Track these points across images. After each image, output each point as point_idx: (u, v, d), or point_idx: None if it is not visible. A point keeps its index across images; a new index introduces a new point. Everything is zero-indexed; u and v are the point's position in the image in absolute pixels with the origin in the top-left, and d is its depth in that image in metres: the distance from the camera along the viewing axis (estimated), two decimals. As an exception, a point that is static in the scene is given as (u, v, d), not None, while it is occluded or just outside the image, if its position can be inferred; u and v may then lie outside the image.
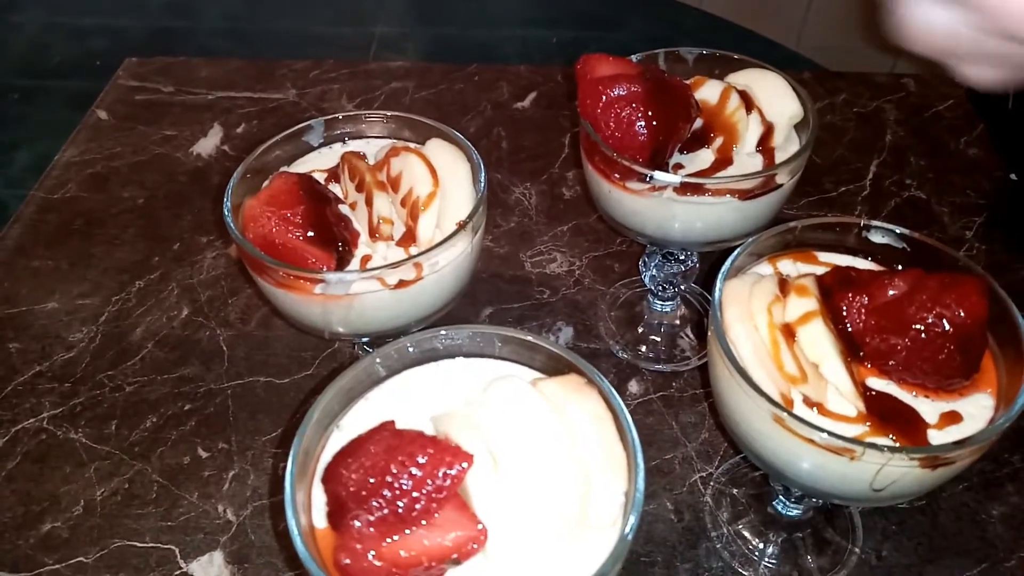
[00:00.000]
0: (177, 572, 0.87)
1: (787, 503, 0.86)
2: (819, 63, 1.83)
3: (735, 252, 0.73)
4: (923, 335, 0.66)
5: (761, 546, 0.88)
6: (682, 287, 1.04)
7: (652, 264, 1.01)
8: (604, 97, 0.84)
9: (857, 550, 0.87)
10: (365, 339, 0.92)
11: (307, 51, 1.64)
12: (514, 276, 1.17)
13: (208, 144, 1.38)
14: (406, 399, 0.68)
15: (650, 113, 0.82)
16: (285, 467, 0.95)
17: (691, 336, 1.07)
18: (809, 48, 2.06)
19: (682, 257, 0.99)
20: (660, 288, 1.03)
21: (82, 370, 1.05)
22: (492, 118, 1.43)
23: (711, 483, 0.93)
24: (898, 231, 0.75)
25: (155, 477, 0.94)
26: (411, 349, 0.69)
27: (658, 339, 1.07)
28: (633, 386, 1.02)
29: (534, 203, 1.28)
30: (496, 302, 1.13)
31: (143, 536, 0.90)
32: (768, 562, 0.87)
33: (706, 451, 0.96)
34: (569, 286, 1.15)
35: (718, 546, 0.87)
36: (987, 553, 0.87)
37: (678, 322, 1.09)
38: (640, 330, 1.08)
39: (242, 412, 1.01)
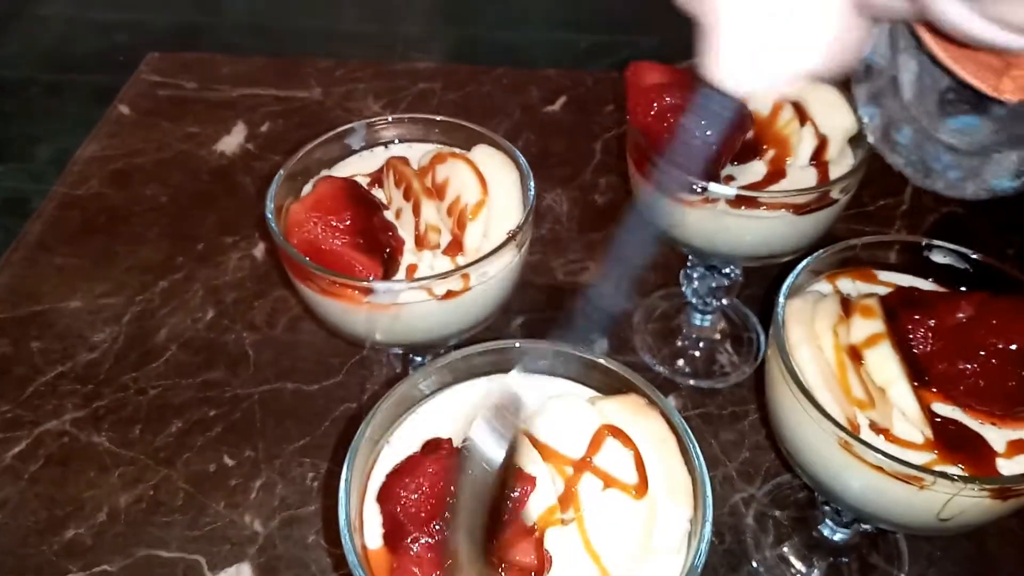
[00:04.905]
0: (204, 583, 0.84)
1: (834, 527, 0.84)
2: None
3: (796, 270, 0.71)
4: (993, 361, 0.64)
5: (804, 570, 0.85)
6: (724, 301, 1.02)
7: (695, 277, 0.98)
8: (656, 105, 0.82)
9: (903, 576, 0.85)
10: (398, 349, 0.90)
11: (331, 49, 1.62)
12: (546, 284, 1.15)
13: (232, 142, 1.36)
14: (456, 415, 0.65)
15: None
16: (314, 477, 0.93)
17: (730, 351, 1.05)
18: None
19: (726, 271, 0.97)
20: (702, 302, 1.01)
21: (105, 372, 1.03)
22: (521, 122, 1.41)
23: (753, 504, 0.90)
24: (962, 252, 0.73)
25: (181, 484, 0.92)
26: (461, 363, 0.67)
27: (696, 354, 1.05)
28: (670, 402, 1.00)
29: (565, 210, 1.26)
30: (528, 311, 1.11)
31: (169, 545, 0.87)
32: (811, 587, 0.85)
33: (747, 471, 0.93)
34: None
35: (761, 570, 0.85)
36: (1034, 582, 0.85)
37: (717, 336, 1.06)
38: (678, 344, 1.06)
39: (269, 419, 0.98)
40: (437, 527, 0.53)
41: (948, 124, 0.55)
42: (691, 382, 1.01)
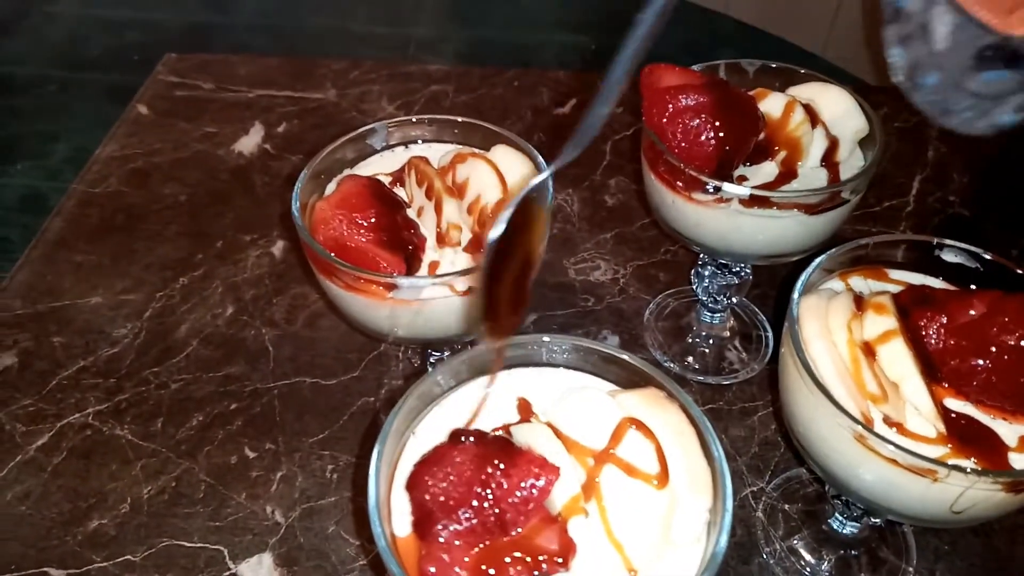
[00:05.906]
0: (226, 573, 0.86)
1: (844, 521, 0.85)
2: (849, 73, 1.82)
3: (810, 267, 0.73)
4: (1005, 357, 0.65)
5: (814, 563, 0.87)
6: (734, 299, 1.04)
7: (706, 275, 1.00)
8: (671, 107, 0.83)
9: (911, 569, 0.87)
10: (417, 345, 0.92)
11: (343, 49, 1.64)
12: (558, 283, 1.16)
13: (249, 142, 1.38)
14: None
15: (718, 124, 0.82)
16: (334, 469, 0.95)
17: (739, 348, 1.07)
18: (835, 57, 2.06)
19: (736, 269, 0.99)
20: (712, 300, 1.03)
21: (127, 366, 1.05)
22: (532, 124, 1.43)
23: (763, 498, 0.92)
24: (973, 251, 0.75)
25: (202, 476, 0.94)
26: (483, 357, 0.69)
27: (706, 351, 1.06)
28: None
29: (576, 210, 1.28)
30: (540, 309, 1.13)
31: (191, 536, 0.89)
32: (821, 579, 0.86)
33: (757, 465, 0.95)
34: (614, 294, 1.15)
35: (771, 562, 0.87)
36: (1041, 576, 0.87)
37: (727, 334, 1.08)
38: (688, 341, 1.07)
39: (289, 413, 1.00)
40: (465, 515, 0.55)
41: (980, 77, 0.57)
42: (701, 378, 1.03)
